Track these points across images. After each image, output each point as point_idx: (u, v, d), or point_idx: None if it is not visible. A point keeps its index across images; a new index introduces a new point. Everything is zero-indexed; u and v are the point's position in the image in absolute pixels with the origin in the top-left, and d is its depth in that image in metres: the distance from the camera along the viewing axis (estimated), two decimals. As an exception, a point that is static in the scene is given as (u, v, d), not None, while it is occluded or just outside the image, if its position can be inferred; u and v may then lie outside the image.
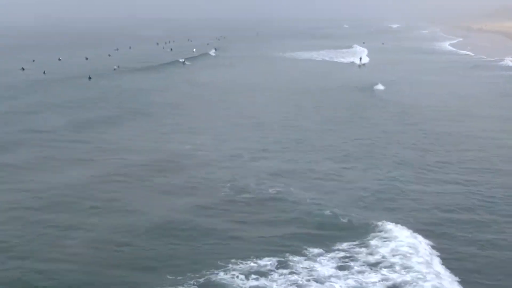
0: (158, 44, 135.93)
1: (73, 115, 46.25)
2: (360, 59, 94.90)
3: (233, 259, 19.77)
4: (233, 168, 30.94)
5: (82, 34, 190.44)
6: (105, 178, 29.21)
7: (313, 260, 19.84)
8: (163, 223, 23.18)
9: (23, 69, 79.41)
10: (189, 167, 31.24)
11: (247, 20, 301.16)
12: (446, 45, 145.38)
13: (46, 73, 74.81)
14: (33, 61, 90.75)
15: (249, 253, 20.31)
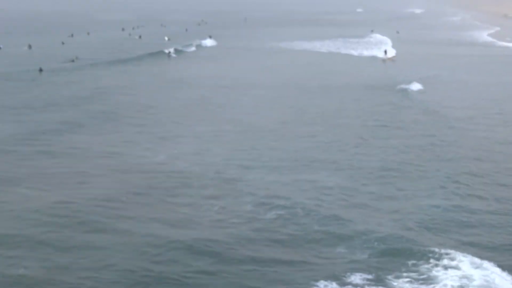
0: (123, 29, 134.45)
1: (20, 121, 45.10)
2: (385, 52, 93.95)
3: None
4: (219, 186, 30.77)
5: (26, 16, 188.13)
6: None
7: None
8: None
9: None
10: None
11: (232, 1, 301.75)
12: (484, 35, 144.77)
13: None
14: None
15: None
